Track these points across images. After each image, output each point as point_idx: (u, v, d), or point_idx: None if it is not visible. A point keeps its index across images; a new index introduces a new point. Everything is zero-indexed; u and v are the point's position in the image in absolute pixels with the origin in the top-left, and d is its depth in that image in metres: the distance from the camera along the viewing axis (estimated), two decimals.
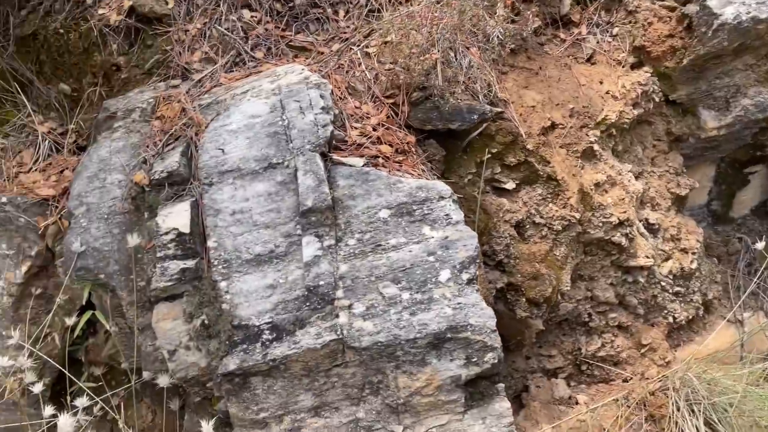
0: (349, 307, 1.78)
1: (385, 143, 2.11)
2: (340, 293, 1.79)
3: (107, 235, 2.02)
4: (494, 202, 2.46)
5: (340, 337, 1.76)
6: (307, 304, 1.82)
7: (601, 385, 2.62)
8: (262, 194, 1.91)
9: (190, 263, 1.83)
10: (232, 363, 1.78)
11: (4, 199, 2.17)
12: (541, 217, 2.48)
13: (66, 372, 2.18)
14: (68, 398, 2.16)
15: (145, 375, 2.18)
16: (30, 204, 2.19)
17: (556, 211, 2.48)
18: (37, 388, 2.04)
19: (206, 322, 1.81)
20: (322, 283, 1.81)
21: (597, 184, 2.55)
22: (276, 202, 1.89)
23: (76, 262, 2.02)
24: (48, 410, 1.73)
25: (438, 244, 1.84)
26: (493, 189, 2.51)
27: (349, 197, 1.88)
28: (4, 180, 2.38)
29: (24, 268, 2.16)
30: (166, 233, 1.82)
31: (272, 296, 1.84)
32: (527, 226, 2.49)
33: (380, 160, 2.04)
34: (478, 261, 1.83)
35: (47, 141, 2.45)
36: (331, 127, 1.96)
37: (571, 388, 2.65)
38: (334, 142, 2.03)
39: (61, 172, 2.34)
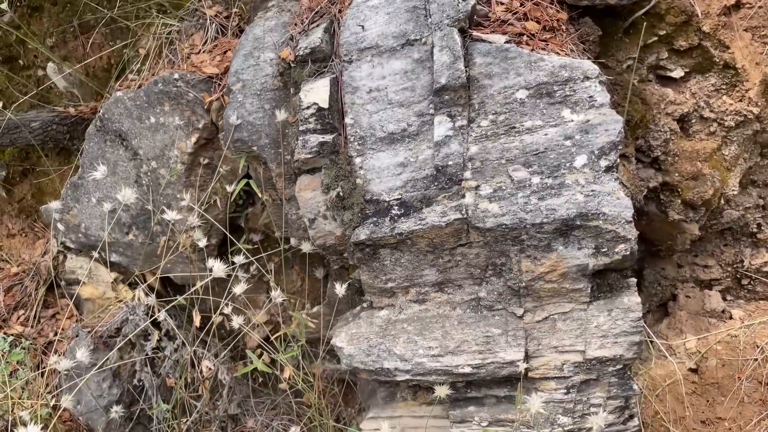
0: (476, 188, 1.76)
1: (532, 20, 1.97)
2: (468, 174, 1.77)
3: (259, 110, 2.16)
4: (656, 92, 2.23)
5: (465, 216, 1.76)
6: (435, 183, 1.83)
7: (762, 303, 2.37)
8: (398, 72, 1.90)
9: (327, 137, 1.91)
10: (362, 234, 1.88)
11: (176, 76, 2.41)
12: (711, 111, 2.21)
13: (228, 234, 2.46)
14: (229, 257, 2.45)
15: (292, 242, 2.38)
16: (198, 81, 2.40)
17: (731, 104, 2.18)
18: (202, 243, 2.34)
19: (341, 194, 1.91)
20: (450, 163, 1.80)
21: None
22: (411, 80, 1.88)
23: (233, 134, 2.20)
24: (211, 262, 1.97)
25: (577, 127, 1.72)
26: (656, 77, 2.27)
27: (486, 76, 1.81)
28: (179, 60, 2.62)
29: (193, 139, 2.41)
30: (307, 108, 1.90)
31: (402, 174, 1.88)
32: (693, 121, 2.24)
33: (524, 38, 1.92)
34: (620, 148, 1.69)
35: (214, 24, 2.63)
36: (472, 1, 1.86)
37: (726, 302, 2.44)
38: (475, 17, 1.93)
39: (225, 52, 2.52)
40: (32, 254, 3.19)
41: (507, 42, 1.86)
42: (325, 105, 1.88)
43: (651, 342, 2.31)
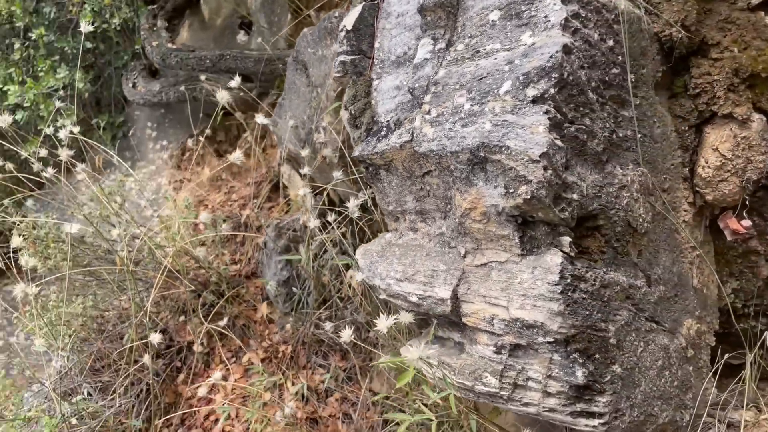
0: (428, 112, 1.71)
1: None
2: (428, 98, 1.73)
3: None
4: None
5: (410, 140, 1.73)
6: (408, 106, 1.83)
7: None
8: None
9: (348, 58, 2.06)
10: (357, 150, 2.01)
11: (336, 14, 2.82)
12: None
13: (345, 152, 2.80)
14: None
15: None
16: None
17: None
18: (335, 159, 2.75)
19: (353, 112, 2.06)
20: (417, 86, 1.78)
21: None
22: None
23: None
24: (335, 173, 2.38)
25: (522, 51, 1.50)
26: None
27: None
28: None
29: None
30: (341, 31, 2.09)
31: (396, 97, 1.92)
32: None
33: None
34: (555, 77, 1.41)
35: None
36: None
37: None
38: None
39: None
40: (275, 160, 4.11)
41: None
42: (350, 27, 2.04)
43: None
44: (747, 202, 1.87)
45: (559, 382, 1.59)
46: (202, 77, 3.91)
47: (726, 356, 2.15)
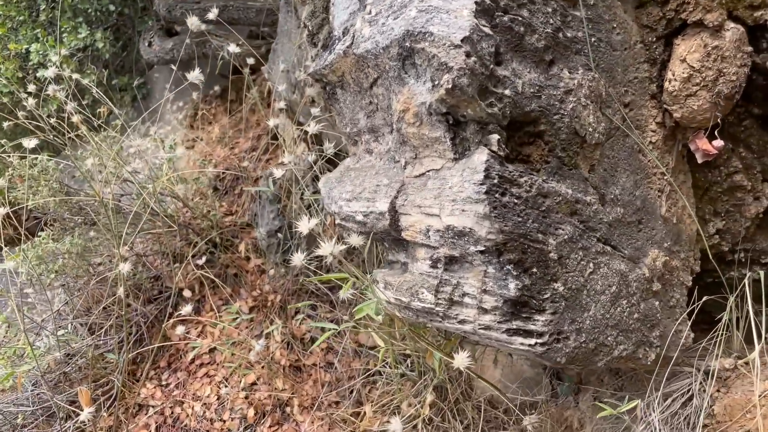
0: (369, 12, 1.63)
1: None
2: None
3: None
4: None
5: (350, 43, 1.66)
6: (357, 13, 1.75)
7: None
8: None
9: None
10: (312, 66, 1.95)
11: None
12: None
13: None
14: None
15: None
16: None
17: None
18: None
19: (311, 29, 2.00)
20: None
21: None
22: None
23: None
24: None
25: None
26: None
27: None
28: None
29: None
30: None
31: (349, 6, 1.85)
32: None
33: None
34: None
35: None
36: None
37: None
38: None
39: None
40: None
41: None
42: None
43: None
44: (720, 123, 1.72)
45: (494, 297, 1.50)
46: (204, 27, 3.90)
47: (704, 298, 2.01)
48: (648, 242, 1.78)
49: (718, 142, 1.70)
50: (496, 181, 1.37)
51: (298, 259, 1.65)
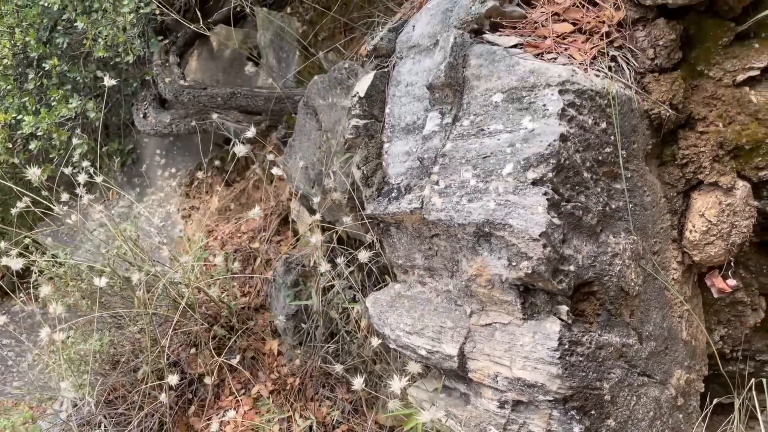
0: (437, 182, 1.85)
1: (567, 21, 1.86)
2: (436, 168, 1.87)
3: None
4: None
5: (420, 207, 1.87)
6: (418, 171, 1.97)
7: None
8: (426, 69, 2.06)
9: (361, 122, 2.21)
10: (369, 208, 2.15)
11: (346, 65, 2.97)
12: None
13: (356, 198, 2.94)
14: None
15: None
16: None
17: None
18: (344, 201, 2.88)
19: (365, 172, 2.20)
20: (426, 156, 1.92)
21: None
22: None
23: None
24: (345, 218, 2.51)
25: (523, 136, 1.64)
26: None
27: (476, 77, 1.84)
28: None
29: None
30: (354, 96, 2.24)
31: (407, 161, 2.07)
32: None
33: (546, 41, 1.84)
34: (553, 162, 1.55)
35: None
36: (490, 4, 1.89)
37: None
38: (504, 19, 1.94)
39: None
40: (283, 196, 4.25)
41: (516, 45, 1.84)
42: (362, 94, 2.19)
43: None
44: (732, 263, 2.01)
45: None
46: (214, 116, 4.06)
47: (715, 401, 2.28)
48: (672, 363, 2.05)
49: (732, 282, 1.99)
50: (567, 346, 1.60)
51: (396, 385, 1.77)
